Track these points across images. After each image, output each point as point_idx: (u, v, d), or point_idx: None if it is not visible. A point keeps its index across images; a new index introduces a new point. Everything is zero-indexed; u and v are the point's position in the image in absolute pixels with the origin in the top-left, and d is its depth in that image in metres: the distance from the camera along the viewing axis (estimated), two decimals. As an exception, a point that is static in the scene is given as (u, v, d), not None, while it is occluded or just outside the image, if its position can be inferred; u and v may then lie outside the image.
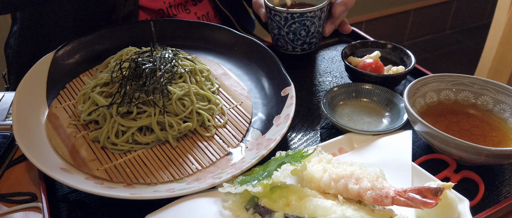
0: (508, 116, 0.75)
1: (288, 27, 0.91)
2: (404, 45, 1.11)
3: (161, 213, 0.60)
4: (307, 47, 0.95)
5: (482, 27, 3.35)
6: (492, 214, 0.62)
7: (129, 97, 0.71)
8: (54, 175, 0.62)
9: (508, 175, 0.71)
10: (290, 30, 0.91)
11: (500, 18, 1.98)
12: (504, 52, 2.02)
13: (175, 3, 1.05)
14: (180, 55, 0.82)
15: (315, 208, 0.55)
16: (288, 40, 0.93)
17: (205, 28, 0.96)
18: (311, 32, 0.92)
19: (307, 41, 0.94)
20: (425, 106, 0.79)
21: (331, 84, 0.96)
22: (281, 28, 0.91)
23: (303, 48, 0.95)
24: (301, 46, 0.94)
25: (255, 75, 0.88)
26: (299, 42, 0.93)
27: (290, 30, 0.91)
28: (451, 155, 0.69)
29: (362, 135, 0.74)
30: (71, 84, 0.84)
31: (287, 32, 0.92)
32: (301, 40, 0.93)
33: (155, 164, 0.70)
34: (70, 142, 0.72)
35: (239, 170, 0.65)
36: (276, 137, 0.70)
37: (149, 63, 0.75)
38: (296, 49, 0.95)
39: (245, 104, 0.82)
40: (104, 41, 0.91)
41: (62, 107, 0.79)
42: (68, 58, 0.86)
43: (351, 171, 0.59)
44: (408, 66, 0.89)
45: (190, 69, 0.80)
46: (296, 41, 0.93)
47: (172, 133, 0.73)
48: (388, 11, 2.88)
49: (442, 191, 0.53)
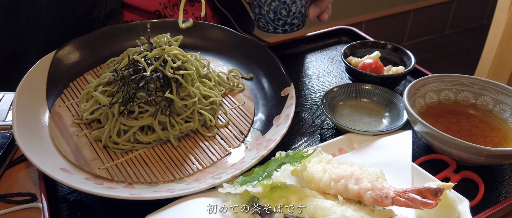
0: (508, 116, 0.75)
1: (268, 6, 0.88)
2: (404, 45, 1.10)
3: (161, 213, 0.60)
4: (288, 28, 0.92)
5: (482, 27, 3.35)
6: (492, 214, 0.62)
7: (130, 97, 0.71)
8: (54, 175, 0.62)
9: (508, 175, 0.71)
10: (270, 8, 0.88)
11: (500, 18, 1.98)
12: (504, 52, 2.03)
13: (170, 4, 1.04)
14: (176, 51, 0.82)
15: (315, 209, 0.55)
16: (268, 20, 0.91)
17: (205, 28, 0.96)
18: (292, 12, 0.89)
19: (289, 21, 0.90)
20: (425, 106, 0.79)
21: (331, 84, 0.96)
22: (261, 6, 0.89)
23: (285, 29, 0.92)
24: (282, 27, 0.91)
25: (255, 75, 0.89)
26: (280, 22, 0.90)
27: (270, 8, 0.88)
28: (451, 155, 0.69)
29: (362, 136, 0.74)
30: (75, 83, 0.84)
31: (268, 11, 0.89)
32: (282, 20, 0.90)
33: (156, 163, 0.70)
34: (73, 140, 0.73)
35: (239, 171, 0.65)
36: (276, 138, 0.70)
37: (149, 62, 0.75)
38: (277, 29, 0.92)
39: (247, 104, 0.82)
40: (104, 41, 0.91)
41: (65, 105, 0.79)
42: (68, 58, 0.86)
43: (351, 172, 0.59)
44: (408, 66, 0.89)
45: (190, 69, 0.80)
46: (277, 21, 0.90)
47: (173, 133, 0.73)
48: (388, 11, 2.88)
49: (442, 191, 0.53)
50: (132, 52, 0.80)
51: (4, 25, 0.95)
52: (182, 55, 0.79)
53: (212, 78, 0.84)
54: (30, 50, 0.90)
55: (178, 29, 0.94)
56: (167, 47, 0.77)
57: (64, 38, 0.96)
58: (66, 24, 0.95)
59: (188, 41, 0.95)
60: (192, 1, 1.08)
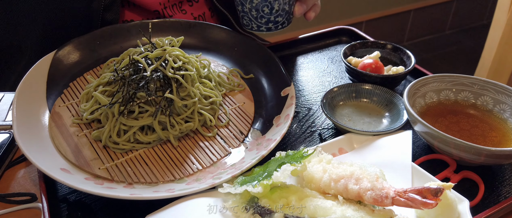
0: (508, 116, 0.75)
1: (250, 3, 0.86)
2: (404, 45, 1.11)
3: (161, 213, 0.60)
4: (272, 26, 0.89)
5: (482, 27, 3.35)
6: (492, 214, 0.62)
7: (130, 97, 0.71)
8: (54, 175, 0.62)
9: (508, 175, 0.71)
10: (252, 6, 0.86)
11: (500, 18, 1.98)
12: (504, 52, 2.02)
13: (169, 3, 1.04)
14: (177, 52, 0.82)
15: (315, 209, 0.55)
16: (251, 17, 0.88)
17: (205, 28, 0.96)
18: (275, 9, 0.86)
19: (272, 19, 0.88)
20: (425, 106, 0.79)
21: (331, 84, 0.96)
22: (244, 4, 0.87)
23: (269, 27, 0.89)
24: (266, 24, 0.89)
25: (255, 75, 0.89)
26: (263, 20, 0.88)
27: (252, 6, 0.86)
28: (451, 155, 0.69)
29: (362, 136, 0.74)
30: (75, 83, 0.84)
31: (250, 8, 0.87)
32: (265, 18, 0.87)
33: (156, 163, 0.70)
34: (73, 140, 0.73)
35: (239, 171, 0.65)
36: (276, 137, 0.70)
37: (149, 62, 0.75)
38: (261, 28, 0.90)
39: (247, 104, 0.82)
40: (104, 41, 0.91)
41: (65, 105, 0.79)
42: (68, 58, 0.86)
43: (351, 172, 0.59)
44: (408, 66, 0.89)
45: (189, 70, 0.80)
46: (260, 19, 0.88)
47: (173, 133, 0.73)
48: (388, 11, 2.88)
49: (442, 191, 0.53)
50: (132, 52, 0.80)
51: None
52: (183, 56, 0.79)
53: (212, 79, 0.84)
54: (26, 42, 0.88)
55: (178, 29, 0.94)
56: (169, 48, 0.77)
57: (62, 30, 0.94)
58: (64, 16, 0.94)
59: (188, 41, 0.95)
60: (191, 0, 1.07)
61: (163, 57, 0.75)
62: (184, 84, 0.75)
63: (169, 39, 0.83)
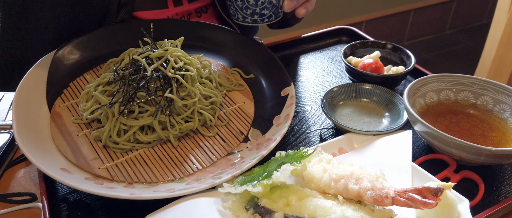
0: (508, 116, 0.75)
1: None
2: (404, 45, 1.10)
3: (161, 213, 0.60)
4: (258, 18, 0.87)
5: (482, 27, 3.35)
6: (492, 214, 0.62)
7: (130, 97, 0.71)
8: (54, 175, 0.62)
9: (508, 175, 0.71)
10: None
11: (500, 18, 1.98)
12: (504, 52, 2.03)
13: (178, 16, 1.04)
14: (179, 53, 0.82)
15: (315, 208, 0.55)
16: (237, 7, 0.86)
17: (205, 28, 0.96)
18: (261, 1, 0.84)
19: (258, 11, 0.85)
20: (425, 106, 0.79)
21: (331, 84, 0.96)
22: None
23: (254, 19, 0.87)
24: (251, 16, 0.86)
25: (255, 75, 0.89)
26: (248, 11, 0.85)
27: None
28: (451, 155, 0.69)
29: (362, 135, 0.74)
30: (75, 83, 0.84)
31: None
32: (250, 9, 0.85)
33: (156, 163, 0.70)
34: (73, 140, 0.73)
35: (239, 170, 0.65)
36: (276, 137, 0.70)
37: (150, 61, 0.75)
38: (246, 19, 0.87)
39: (247, 104, 0.82)
40: (104, 41, 0.91)
41: (65, 105, 0.79)
42: (68, 58, 0.86)
43: (351, 171, 0.59)
44: (408, 66, 0.89)
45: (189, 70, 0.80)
46: (245, 10, 0.85)
47: (173, 133, 0.73)
48: (388, 11, 2.88)
49: (442, 191, 0.53)
50: (133, 52, 0.80)
51: (12, 33, 0.93)
52: (185, 57, 0.79)
53: (213, 79, 0.84)
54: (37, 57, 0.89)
55: (178, 29, 0.94)
56: (170, 48, 0.77)
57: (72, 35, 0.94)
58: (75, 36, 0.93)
59: (189, 41, 0.95)
60: (200, 12, 1.08)
61: (165, 57, 0.75)
62: (184, 83, 0.75)
63: (170, 42, 0.83)
